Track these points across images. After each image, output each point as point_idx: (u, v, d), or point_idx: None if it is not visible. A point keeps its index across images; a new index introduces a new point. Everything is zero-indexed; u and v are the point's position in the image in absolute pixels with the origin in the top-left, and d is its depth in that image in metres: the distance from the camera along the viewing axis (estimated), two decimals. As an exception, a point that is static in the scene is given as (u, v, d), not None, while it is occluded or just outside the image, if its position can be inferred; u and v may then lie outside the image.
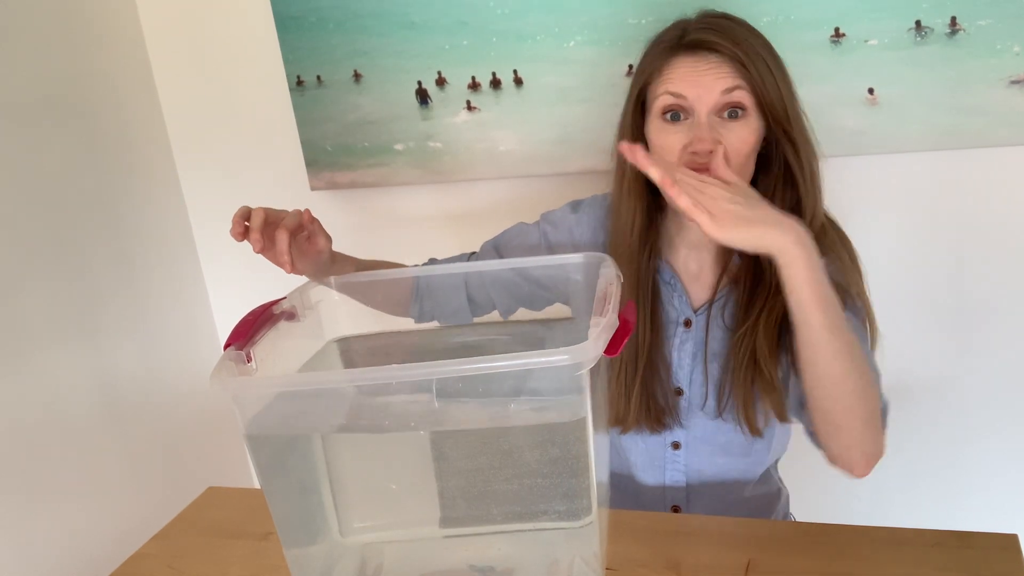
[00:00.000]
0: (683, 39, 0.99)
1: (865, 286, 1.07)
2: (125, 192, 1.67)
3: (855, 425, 0.92)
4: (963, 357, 1.46)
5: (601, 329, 0.73)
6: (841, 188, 1.40)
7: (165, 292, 1.76)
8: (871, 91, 1.32)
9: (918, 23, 1.27)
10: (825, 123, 1.34)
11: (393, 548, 0.96)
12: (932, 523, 0.99)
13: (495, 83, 1.48)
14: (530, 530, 0.87)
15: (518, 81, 1.47)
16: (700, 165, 0.96)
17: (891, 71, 1.30)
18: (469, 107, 1.51)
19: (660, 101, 1.00)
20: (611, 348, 0.75)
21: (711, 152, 0.96)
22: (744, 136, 0.97)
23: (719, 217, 0.83)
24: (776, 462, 1.23)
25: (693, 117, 0.98)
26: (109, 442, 1.61)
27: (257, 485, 1.09)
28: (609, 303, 0.79)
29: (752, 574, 0.90)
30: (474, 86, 1.49)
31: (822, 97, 1.33)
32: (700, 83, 0.97)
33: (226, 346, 0.83)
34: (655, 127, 1.01)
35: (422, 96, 1.53)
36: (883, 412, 0.97)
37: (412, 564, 0.94)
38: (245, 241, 0.94)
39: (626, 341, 0.77)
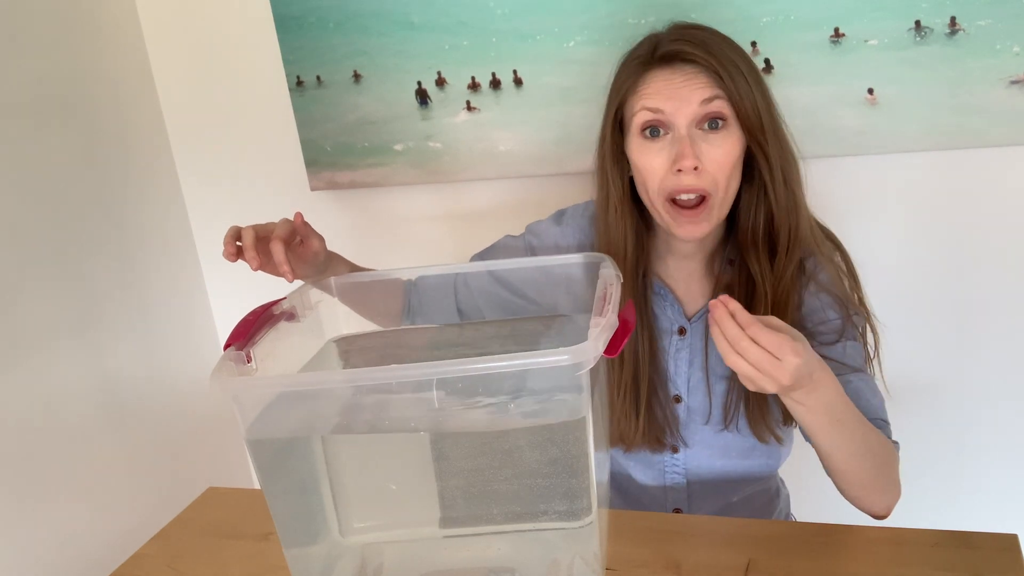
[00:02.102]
0: (656, 52, 0.97)
1: (863, 293, 1.07)
2: (125, 192, 1.67)
3: (871, 495, 0.98)
4: (963, 357, 1.46)
5: (601, 329, 0.73)
6: (841, 188, 1.41)
7: (165, 292, 1.76)
8: (871, 91, 1.32)
9: (918, 23, 1.27)
10: (825, 123, 1.35)
11: (393, 548, 0.96)
12: (932, 523, 0.99)
13: (495, 83, 1.48)
14: (530, 530, 0.87)
15: (518, 81, 1.47)
16: (687, 188, 0.96)
17: (891, 71, 1.30)
18: (469, 107, 1.51)
19: (638, 118, 0.98)
20: (611, 348, 0.75)
21: (696, 169, 0.95)
22: (727, 148, 0.96)
23: (776, 383, 0.84)
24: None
25: (673, 131, 0.96)
26: (109, 442, 1.61)
27: (257, 485, 1.09)
28: (609, 303, 0.79)
29: (752, 574, 0.90)
30: (474, 86, 1.49)
31: (822, 97, 1.33)
32: (677, 95, 0.95)
33: (226, 346, 0.83)
34: (635, 145, 0.99)
35: (422, 96, 1.53)
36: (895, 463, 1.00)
37: (412, 564, 0.94)
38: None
39: (625, 342, 0.77)
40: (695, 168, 0.95)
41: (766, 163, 0.98)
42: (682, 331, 1.10)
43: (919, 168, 1.37)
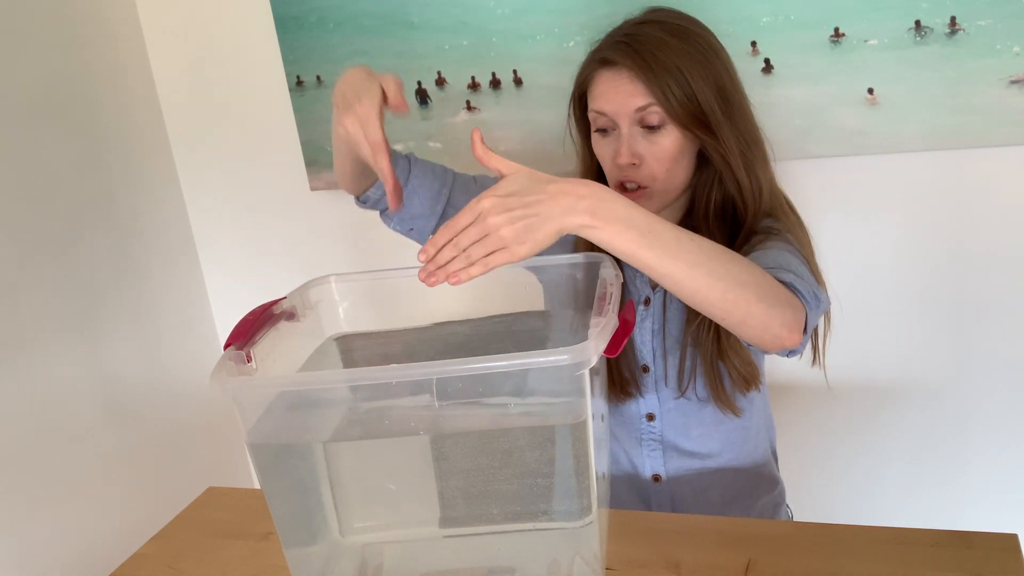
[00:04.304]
0: (599, 53, 1.04)
1: (815, 259, 1.06)
2: (125, 192, 1.67)
3: (755, 310, 0.85)
4: (963, 357, 1.46)
5: (601, 329, 0.74)
6: (841, 188, 1.41)
7: (165, 292, 1.76)
8: (871, 91, 1.32)
9: (918, 23, 1.27)
10: (825, 123, 1.35)
11: (393, 548, 0.96)
12: (932, 523, 0.99)
13: (495, 83, 1.48)
14: (530, 530, 0.87)
15: (518, 81, 1.47)
16: (626, 178, 1.04)
17: (891, 71, 1.30)
18: (469, 107, 1.51)
19: (591, 116, 1.06)
20: (611, 348, 0.75)
21: (632, 165, 1.02)
22: (664, 147, 1.02)
23: (509, 246, 0.77)
24: (774, 451, 1.24)
25: (618, 129, 1.03)
26: (109, 442, 1.61)
27: (257, 485, 1.09)
28: (609, 303, 0.79)
29: (752, 574, 0.90)
30: (474, 86, 1.49)
31: (822, 97, 1.34)
32: (616, 100, 1.01)
33: (226, 346, 0.83)
34: (593, 138, 1.08)
35: (422, 96, 1.53)
36: (792, 286, 0.90)
37: (412, 564, 0.94)
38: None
39: (625, 342, 0.78)
40: (632, 164, 1.02)
41: (719, 153, 1.02)
42: (647, 301, 1.13)
43: (919, 168, 1.37)
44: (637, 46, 1.00)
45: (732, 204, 1.06)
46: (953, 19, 1.25)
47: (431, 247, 0.79)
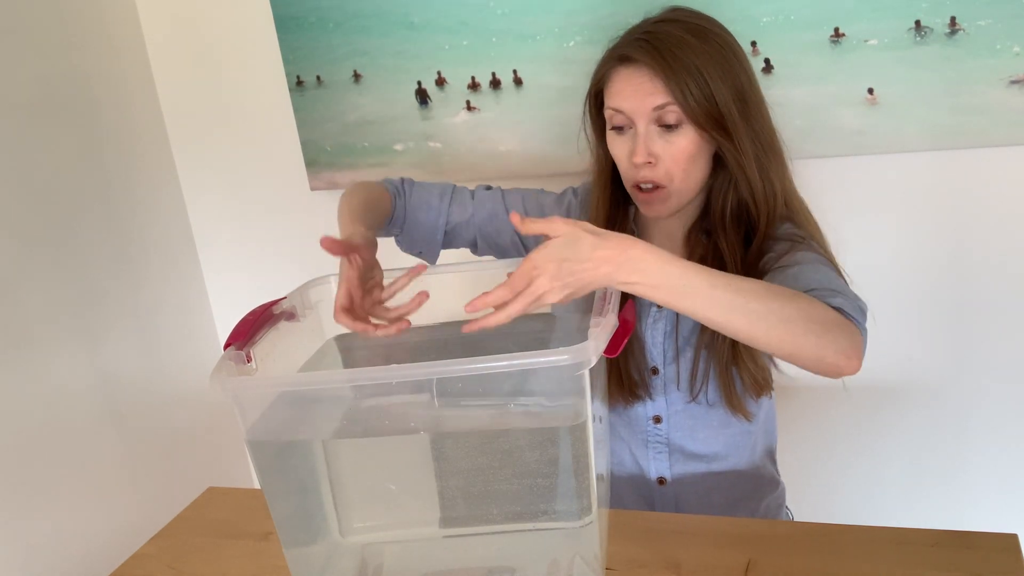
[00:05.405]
0: (618, 50, 1.03)
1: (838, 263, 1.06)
2: (125, 192, 1.67)
3: (805, 343, 0.84)
4: (963, 357, 1.46)
5: (601, 329, 0.74)
6: (841, 188, 1.41)
7: (165, 292, 1.76)
8: (871, 91, 1.32)
9: (918, 23, 1.27)
10: (825, 123, 1.35)
11: (393, 548, 0.96)
12: (932, 523, 0.99)
13: (495, 83, 1.48)
14: (530, 530, 0.87)
15: (518, 81, 1.47)
16: (642, 178, 1.03)
17: (891, 71, 1.30)
18: (469, 107, 1.51)
19: (607, 114, 1.05)
20: (611, 348, 0.75)
21: (648, 164, 1.01)
22: (681, 146, 1.01)
23: (555, 294, 0.80)
24: (773, 454, 1.24)
25: (634, 127, 1.02)
26: (109, 442, 1.61)
27: (257, 485, 1.10)
28: (609, 303, 0.79)
29: (752, 574, 0.90)
30: (474, 86, 1.49)
31: (822, 97, 1.33)
32: (634, 98, 1.01)
33: (226, 346, 0.83)
34: (608, 136, 1.07)
35: (422, 96, 1.53)
36: (842, 310, 0.88)
37: (412, 564, 0.94)
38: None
39: (625, 342, 0.78)
40: (648, 163, 1.01)
41: (734, 155, 1.02)
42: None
43: (919, 168, 1.37)
44: (657, 44, 0.99)
45: (747, 207, 1.06)
46: (953, 19, 1.25)
47: (481, 304, 0.82)
